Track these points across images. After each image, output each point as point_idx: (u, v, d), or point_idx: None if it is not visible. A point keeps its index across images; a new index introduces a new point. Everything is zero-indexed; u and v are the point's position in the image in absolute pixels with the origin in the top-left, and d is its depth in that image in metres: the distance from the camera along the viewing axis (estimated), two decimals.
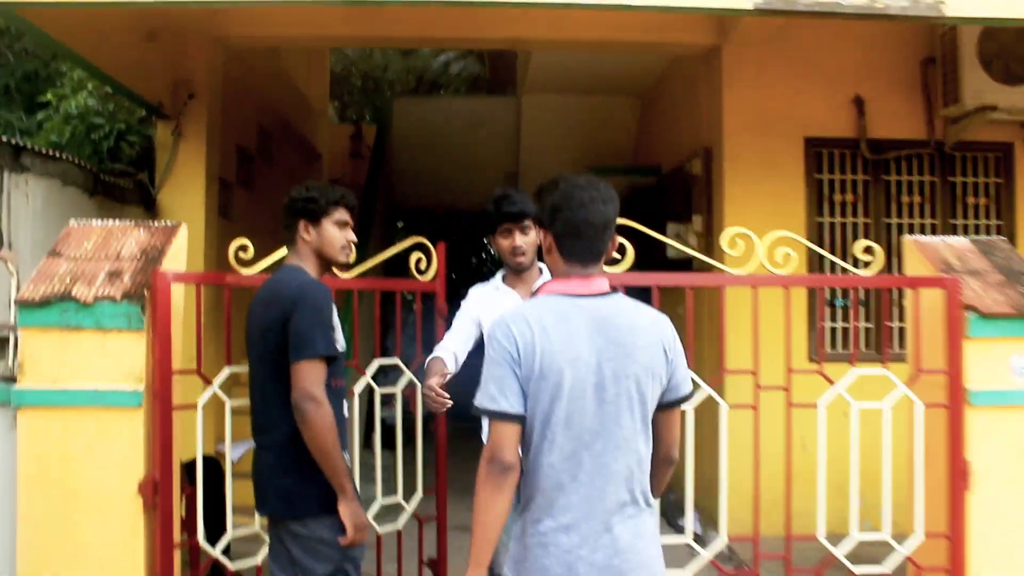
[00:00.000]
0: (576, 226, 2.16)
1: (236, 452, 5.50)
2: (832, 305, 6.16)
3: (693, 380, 2.80)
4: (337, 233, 2.84)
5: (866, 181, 6.23)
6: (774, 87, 6.08)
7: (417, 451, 3.98)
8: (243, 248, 3.27)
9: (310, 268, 2.82)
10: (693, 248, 6.40)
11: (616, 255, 3.25)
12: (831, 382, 3.38)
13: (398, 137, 11.17)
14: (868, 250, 3.43)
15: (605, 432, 2.12)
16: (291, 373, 2.60)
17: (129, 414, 2.99)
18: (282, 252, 3.36)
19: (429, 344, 4.00)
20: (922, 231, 6.24)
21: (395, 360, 3.83)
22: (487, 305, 3.40)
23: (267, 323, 2.68)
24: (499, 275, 3.52)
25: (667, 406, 2.23)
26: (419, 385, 3.90)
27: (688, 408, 3.32)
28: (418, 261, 3.84)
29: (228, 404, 3.29)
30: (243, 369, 3.10)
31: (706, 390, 3.36)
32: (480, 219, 3.75)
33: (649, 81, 8.42)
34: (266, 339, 2.69)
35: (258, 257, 3.30)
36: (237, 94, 7.28)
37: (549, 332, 2.09)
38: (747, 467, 3.55)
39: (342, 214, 2.84)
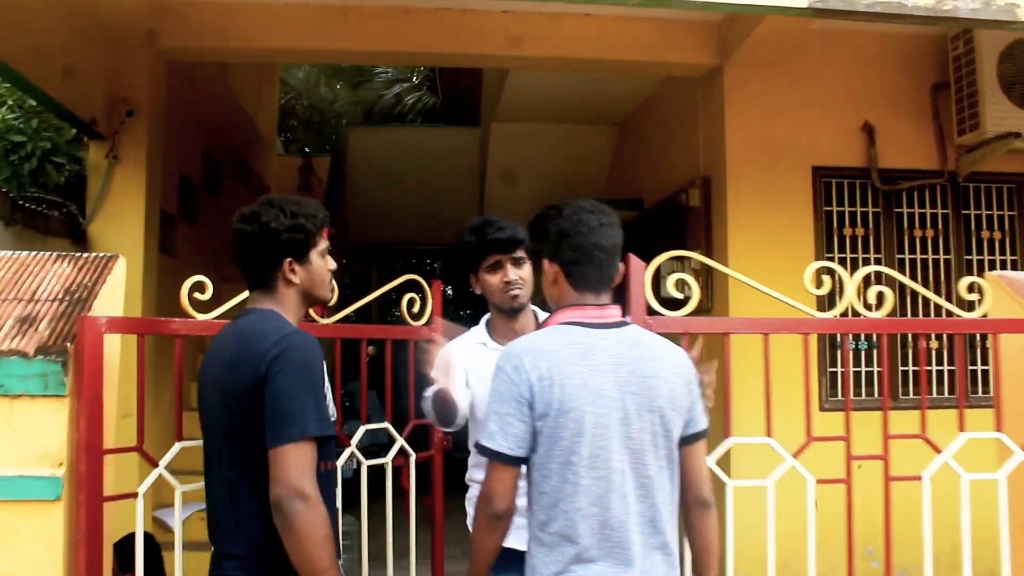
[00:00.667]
0: (588, 251, 2.10)
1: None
2: (856, 349, 5.64)
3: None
4: (325, 265, 2.19)
5: (876, 213, 5.75)
6: (779, 112, 5.59)
7: (410, 533, 3.24)
8: (199, 287, 2.57)
9: (290, 313, 2.15)
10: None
11: (677, 294, 2.64)
12: (938, 450, 2.77)
13: (353, 169, 10.54)
14: (973, 287, 2.85)
15: (631, 472, 2.02)
16: (271, 459, 1.90)
17: (45, 508, 2.25)
18: (243, 294, 2.68)
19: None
20: (936, 268, 5.78)
21: (384, 424, 3.13)
22: (477, 369, 2.72)
23: (235, 388, 1.99)
24: (482, 325, 2.86)
25: (690, 440, 2.14)
26: (412, 454, 3.21)
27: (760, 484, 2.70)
28: (410, 303, 3.18)
29: (178, 490, 2.56)
30: (197, 444, 2.40)
31: (786, 460, 2.71)
32: (451, 255, 3.15)
33: (628, 109, 7.92)
34: (232, 411, 2.00)
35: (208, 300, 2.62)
36: (182, 116, 6.55)
37: (567, 365, 2.00)
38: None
39: (324, 239, 2.20)
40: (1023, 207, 5.92)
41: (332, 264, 2.21)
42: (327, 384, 2.05)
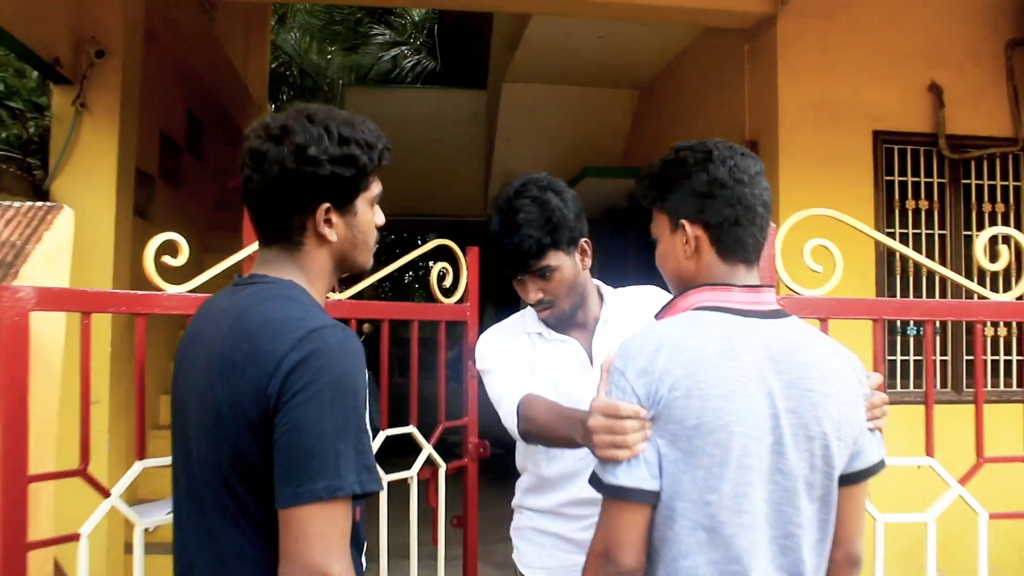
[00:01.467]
0: (750, 208, 1.53)
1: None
2: (904, 334, 5.07)
3: None
4: (373, 219, 1.53)
5: (942, 184, 5.14)
6: (838, 69, 4.96)
7: (439, 560, 2.60)
8: (170, 249, 1.93)
9: (317, 285, 1.48)
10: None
11: (816, 266, 2.01)
12: None
13: None
14: None
15: (776, 519, 1.46)
16: (282, 522, 1.25)
17: None
18: (225, 261, 2.04)
19: (456, 404, 2.70)
20: (1007, 246, 5.17)
21: (410, 428, 2.50)
22: (539, 366, 2.13)
23: (230, 403, 1.31)
24: (531, 312, 2.21)
25: (853, 479, 1.54)
26: (443, 464, 2.58)
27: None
28: (441, 275, 2.54)
29: (139, 527, 1.93)
30: (161, 463, 1.79)
31: (952, 487, 2.06)
32: (456, 230, 2.50)
33: (652, 71, 7.28)
34: (223, 434, 1.33)
35: (188, 272, 1.97)
36: (161, 65, 5.87)
37: (709, 368, 1.42)
38: None
39: (378, 182, 1.53)
40: None
41: (381, 218, 1.55)
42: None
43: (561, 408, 1.84)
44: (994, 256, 2.13)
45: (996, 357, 5.20)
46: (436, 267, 2.54)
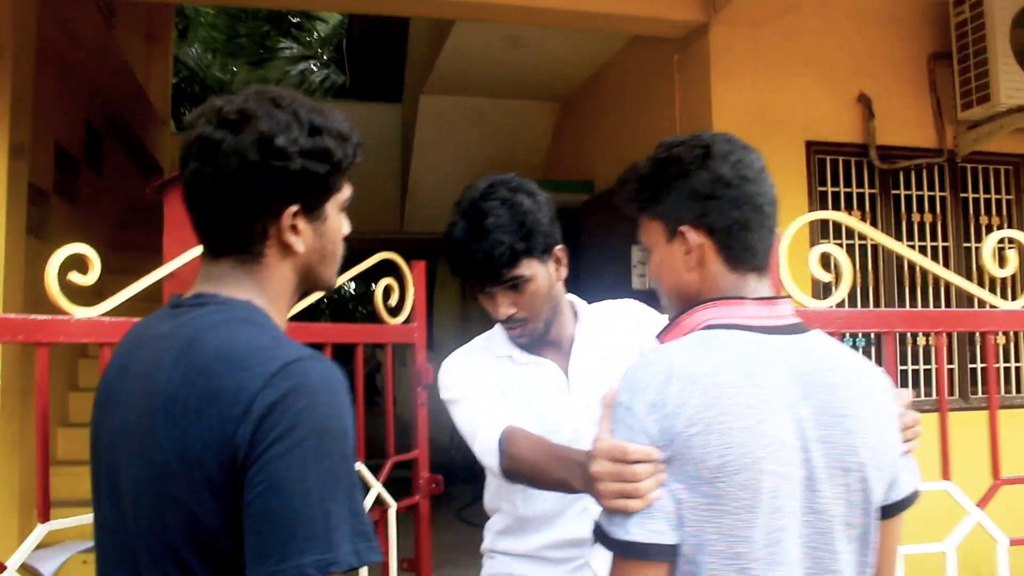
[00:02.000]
0: (758, 209, 1.34)
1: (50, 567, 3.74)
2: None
3: None
4: (340, 228, 1.28)
5: (873, 195, 5.14)
6: (770, 79, 4.90)
7: None
8: (78, 265, 1.63)
9: (278, 306, 1.22)
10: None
11: (823, 275, 1.83)
12: None
13: None
14: None
15: (815, 566, 1.25)
16: None
17: None
18: (144, 280, 1.75)
19: (405, 428, 2.46)
20: (934, 256, 5.20)
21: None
22: (509, 392, 1.88)
23: (187, 451, 1.04)
24: (500, 332, 1.98)
25: (889, 512, 1.35)
26: (392, 504, 2.32)
27: None
28: (386, 293, 2.30)
29: None
30: (60, 527, 1.49)
31: (970, 512, 1.90)
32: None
33: (574, 83, 7.15)
34: (177, 491, 1.05)
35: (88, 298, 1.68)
36: (57, 72, 5.45)
37: (730, 397, 1.20)
38: None
39: (349, 185, 1.27)
40: (1020, 191, 5.41)
41: (347, 227, 1.30)
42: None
43: (552, 446, 1.59)
44: (1004, 262, 1.99)
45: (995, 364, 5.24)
46: (381, 284, 2.29)
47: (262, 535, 0.98)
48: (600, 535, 1.24)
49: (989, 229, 5.36)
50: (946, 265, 5.24)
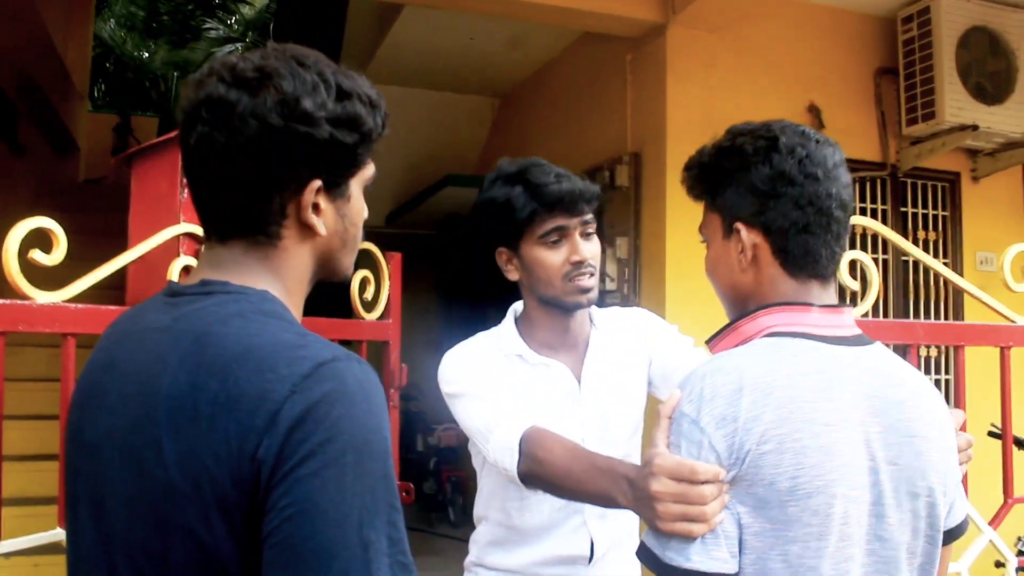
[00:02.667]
0: (826, 211, 1.22)
1: None
2: None
3: None
4: (363, 210, 1.12)
5: None
6: (723, 85, 4.88)
7: None
8: (40, 241, 1.44)
9: (294, 302, 1.06)
10: (610, 279, 5.08)
11: (852, 283, 1.76)
12: None
13: None
14: None
15: None
16: None
17: None
18: (108, 265, 1.56)
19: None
20: (915, 271, 5.28)
21: None
22: (519, 395, 1.75)
23: (197, 466, 0.87)
24: (509, 327, 1.86)
25: (945, 540, 1.25)
26: None
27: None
28: (362, 285, 2.15)
29: None
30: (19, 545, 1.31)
31: (984, 532, 1.84)
32: (463, 222, 2.17)
33: (516, 79, 7.05)
34: (182, 513, 0.88)
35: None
36: None
37: (806, 412, 1.11)
38: None
39: (370, 162, 1.12)
40: (955, 207, 5.53)
41: (366, 210, 1.14)
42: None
43: (592, 455, 1.46)
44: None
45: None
46: (358, 275, 2.14)
47: (289, 569, 0.83)
48: (649, 559, 1.13)
49: (926, 244, 5.46)
50: (884, 278, 5.32)
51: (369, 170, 1.10)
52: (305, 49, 1.05)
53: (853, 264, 1.81)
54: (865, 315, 1.83)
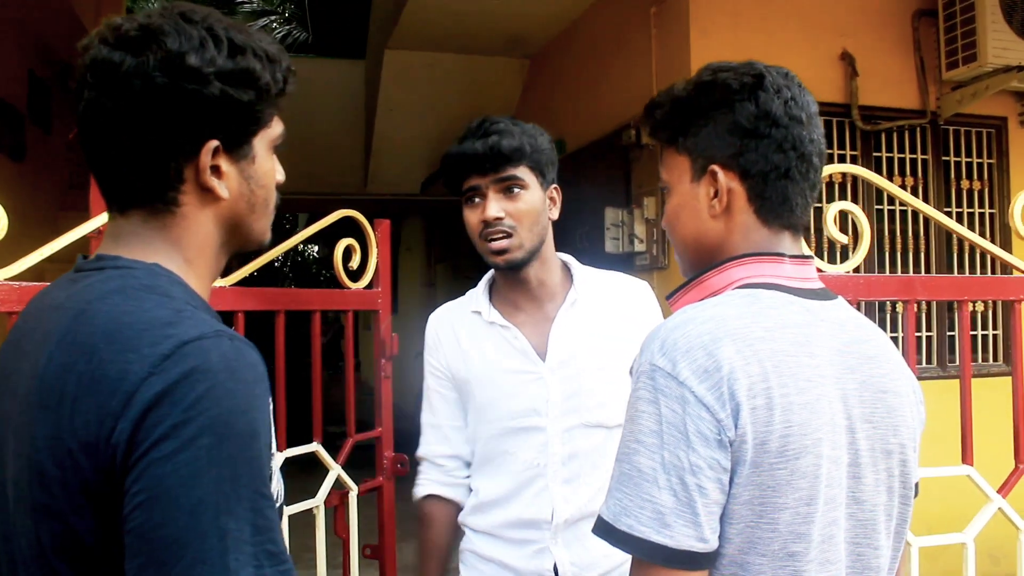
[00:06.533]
0: (806, 156, 1.13)
1: None
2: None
3: None
4: (274, 169, 1.06)
5: (854, 157, 4.97)
6: (751, 34, 4.69)
7: None
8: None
9: (198, 271, 1.00)
10: (639, 240, 4.96)
11: (840, 236, 1.66)
12: None
13: None
14: None
15: (857, 565, 1.08)
16: None
17: None
18: (60, 239, 1.52)
19: (367, 413, 2.25)
20: (915, 221, 5.07)
21: (315, 446, 2.03)
22: (468, 353, 1.79)
23: (61, 449, 0.83)
24: (481, 287, 1.86)
25: None
26: (354, 488, 2.13)
27: None
28: (347, 254, 2.08)
29: None
30: None
31: (992, 499, 1.75)
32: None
33: (544, 40, 6.90)
34: (50, 497, 0.84)
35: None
36: None
37: (789, 366, 1.02)
38: None
39: (279, 121, 1.06)
40: (1002, 154, 5.28)
41: (281, 173, 1.08)
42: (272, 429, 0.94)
43: (433, 551, 1.83)
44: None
45: (974, 332, 5.15)
46: (341, 244, 2.07)
47: (140, 557, 0.79)
48: (614, 536, 1.00)
49: (970, 194, 5.24)
50: (926, 232, 5.13)
51: (276, 128, 1.04)
52: (194, 5, 0.98)
53: (842, 216, 1.69)
54: (858, 269, 1.71)
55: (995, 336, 5.22)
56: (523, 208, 1.70)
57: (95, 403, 0.83)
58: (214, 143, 0.96)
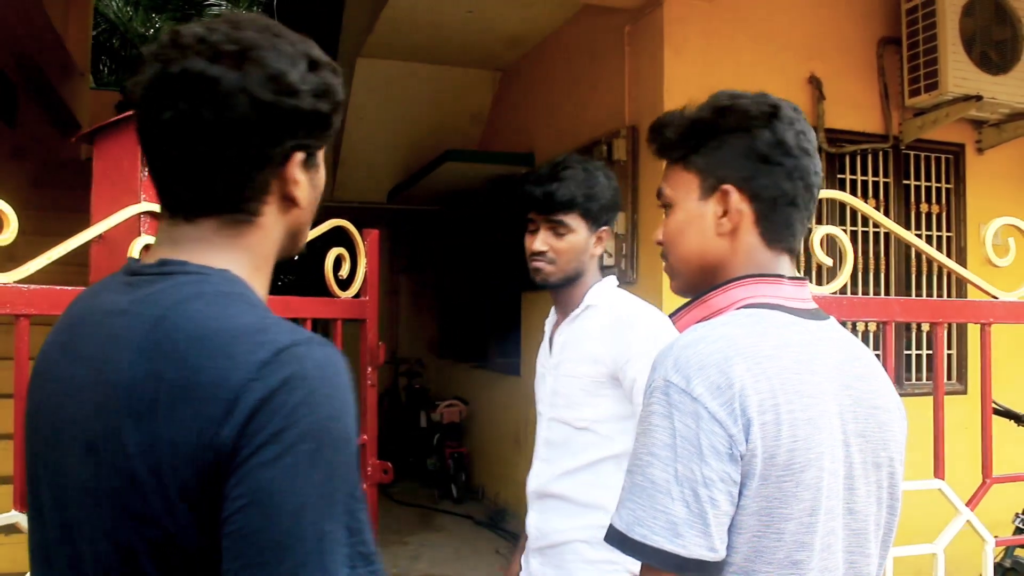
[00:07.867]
0: (810, 185, 1.21)
1: None
2: None
3: None
4: (321, 182, 1.09)
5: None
6: (722, 56, 4.80)
7: None
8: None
9: (259, 281, 1.03)
10: (608, 254, 5.03)
11: (825, 259, 1.75)
12: None
13: None
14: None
15: (850, 573, 1.15)
16: None
17: None
18: (69, 242, 1.54)
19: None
20: (876, 241, 5.21)
21: None
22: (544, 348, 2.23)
23: (157, 456, 0.85)
24: None
25: None
26: None
27: None
28: (337, 263, 2.12)
29: None
30: None
31: (961, 512, 1.83)
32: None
33: (517, 53, 6.97)
34: (145, 503, 0.86)
35: None
36: None
37: (794, 384, 1.09)
38: None
39: None
40: (959, 180, 5.46)
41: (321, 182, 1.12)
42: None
43: None
44: (1007, 250, 1.90)
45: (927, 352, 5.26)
46: (332, 253, 2.11)
47: (241, 559, 0.82)
48: (624, 543, 1.05)
49: (928, 217, 5.40)
50: (886, 254, 5.27)
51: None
52: (264, 17, 1.02)
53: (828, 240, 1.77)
54: (843, 291, 1.79)
55: (949, 356, 5.38)
56: (564, 247, 2.04)
57: (192, 410, 0.84)
58: (301, 154, 1.00)
